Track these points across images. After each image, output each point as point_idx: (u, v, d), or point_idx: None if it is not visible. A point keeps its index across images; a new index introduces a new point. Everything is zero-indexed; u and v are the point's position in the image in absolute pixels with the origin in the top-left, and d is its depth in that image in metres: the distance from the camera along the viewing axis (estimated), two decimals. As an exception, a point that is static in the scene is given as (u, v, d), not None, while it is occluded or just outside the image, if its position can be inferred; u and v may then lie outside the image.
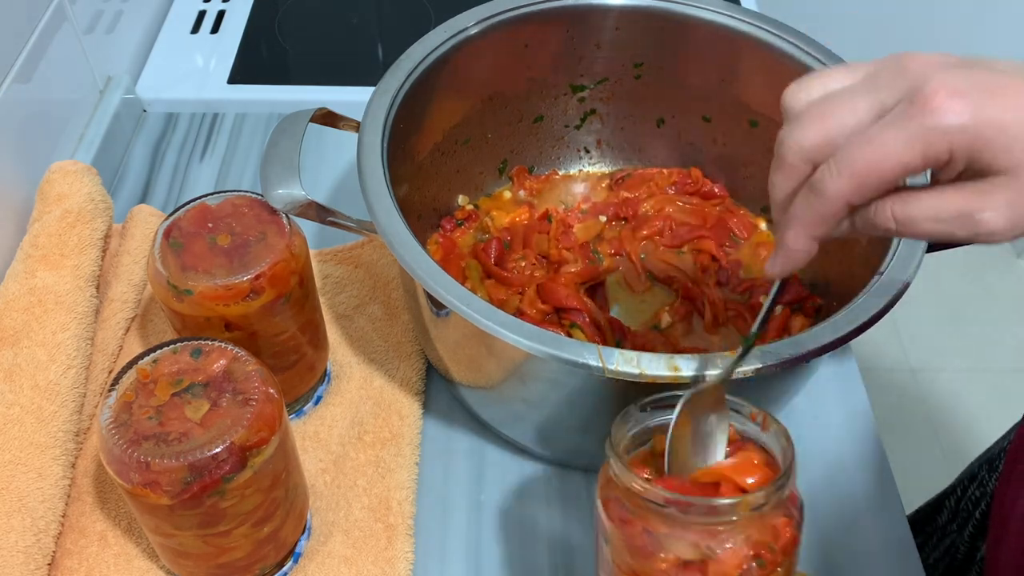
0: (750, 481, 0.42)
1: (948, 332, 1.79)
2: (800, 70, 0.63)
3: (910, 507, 0.74)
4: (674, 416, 0.44)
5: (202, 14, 0.98)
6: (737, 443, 0.44)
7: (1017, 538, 0.60)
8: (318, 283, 0.70)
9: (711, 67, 0.70)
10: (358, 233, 0.57)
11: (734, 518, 0.40)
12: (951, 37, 1.71)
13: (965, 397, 1.68)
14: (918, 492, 0.84)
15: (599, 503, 0.44)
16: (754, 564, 0.40)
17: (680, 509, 0.40)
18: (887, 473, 0.63)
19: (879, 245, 0.55)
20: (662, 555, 0.41)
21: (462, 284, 0.51)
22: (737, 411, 0.45)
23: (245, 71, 0.91)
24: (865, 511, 0.61)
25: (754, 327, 0.45)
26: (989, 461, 0.73)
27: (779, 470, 0.42)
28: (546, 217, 0.73)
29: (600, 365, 0.47)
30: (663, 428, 0.44)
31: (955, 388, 1.71)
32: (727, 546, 0.40)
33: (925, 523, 0.79)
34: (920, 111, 0.34)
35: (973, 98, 0.34)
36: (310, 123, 0.58)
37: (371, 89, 0.61)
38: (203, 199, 0.56)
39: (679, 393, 0.44)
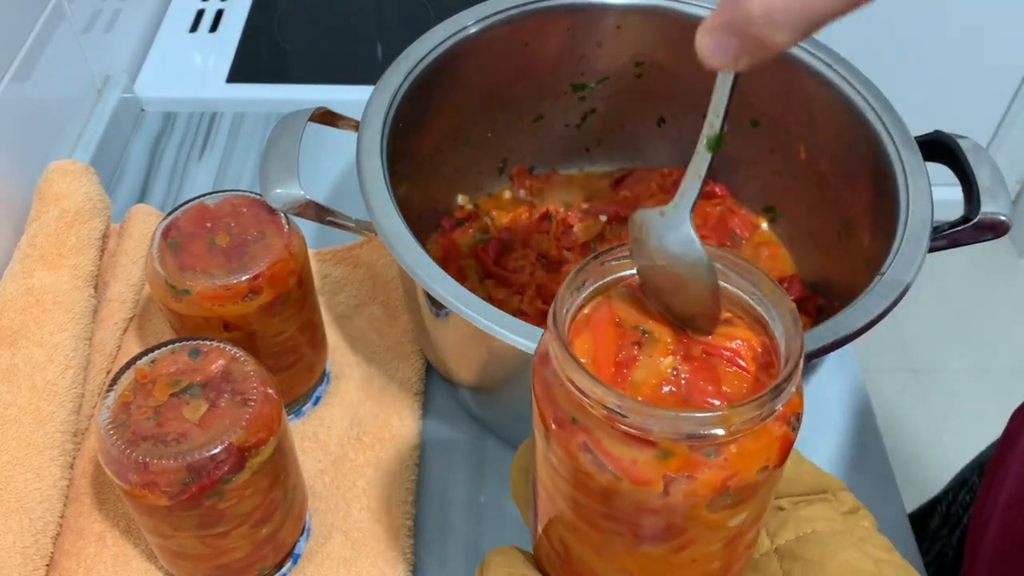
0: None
1: (950, 333, 1.79)
2: (802, 69, 0.63)
3: (910, 508, 0.73)
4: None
5: (200, 13, 0.97)
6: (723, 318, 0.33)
7: (998, 532, 0.60)
8: (317, 283, 0.69)
9: (712, 66, 0.70)
10: (357, 233, 0.56)
11: (714, 432, 0.28)
12: (952, 37, 1.71)
13: (966, 397, 1.68)
14: (919, 492, 0.84)
15: (532, 391, 0.32)
16: (730, 488, 0.30)
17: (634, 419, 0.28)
18: (888, 473, 0.63)
19: (881, 246, 0.54)
20: (604, 478, 0.30)
21: (462, 284, 0.50)
22: (734, 272, 0.33)
23: (244, 70, 0.91)
24: (866, 512, 0.61)
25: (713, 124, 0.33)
26: (980, 466, 0.73)
27: (777, 366, 0.30)
28: (546, 217, 0.73)
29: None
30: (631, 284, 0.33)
31: (956, 388, 1.70)
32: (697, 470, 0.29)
33: (917, 528, 0.79)
34: None
35: None
36: (309, 122, 0.58)
37: (370, 88, 0.60)
38: (201, 199, 0.55)
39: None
